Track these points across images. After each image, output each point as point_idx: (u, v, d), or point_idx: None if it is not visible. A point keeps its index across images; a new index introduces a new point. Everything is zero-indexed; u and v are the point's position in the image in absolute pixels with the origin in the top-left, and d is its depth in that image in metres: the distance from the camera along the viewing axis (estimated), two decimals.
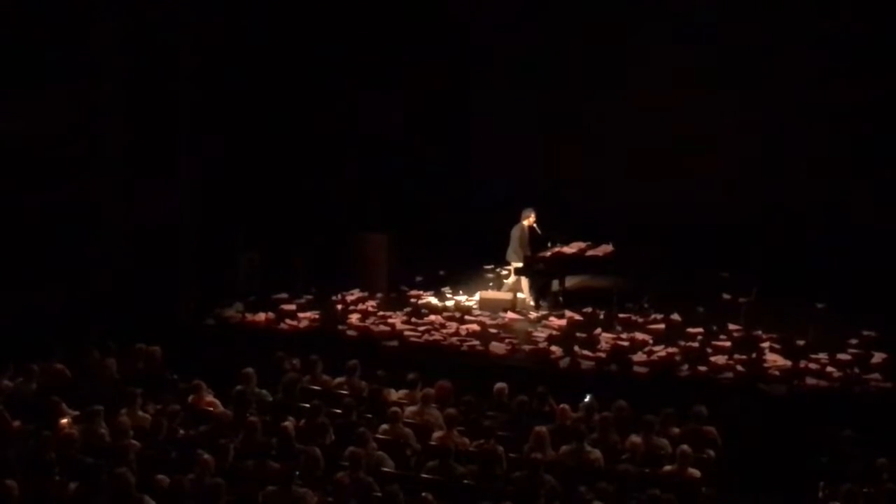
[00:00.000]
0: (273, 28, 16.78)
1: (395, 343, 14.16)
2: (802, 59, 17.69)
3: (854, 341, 13.86)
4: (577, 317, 15.07)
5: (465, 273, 17.21)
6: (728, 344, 13.89)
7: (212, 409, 11.07)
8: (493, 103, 19.34)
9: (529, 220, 15.63)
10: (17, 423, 10.36)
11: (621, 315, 14.98)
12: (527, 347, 13.93)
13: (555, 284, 15.73)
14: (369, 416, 10.98)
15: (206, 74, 15.60)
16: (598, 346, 13.82)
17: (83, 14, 14.74)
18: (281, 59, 16.92)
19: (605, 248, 16.10)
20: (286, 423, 10.29)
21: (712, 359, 13.34)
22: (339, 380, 12.03)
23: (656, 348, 13.73)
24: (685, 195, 17.78)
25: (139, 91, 15.09)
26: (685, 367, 13.13)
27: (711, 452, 10.38)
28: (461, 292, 16.42)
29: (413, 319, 15.03)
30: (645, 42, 18.38)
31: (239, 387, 11.30)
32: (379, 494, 9.02)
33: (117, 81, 15.09)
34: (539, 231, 15.72)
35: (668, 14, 18.25)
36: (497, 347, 13.82)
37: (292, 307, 15.48)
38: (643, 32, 18.41)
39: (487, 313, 15.25)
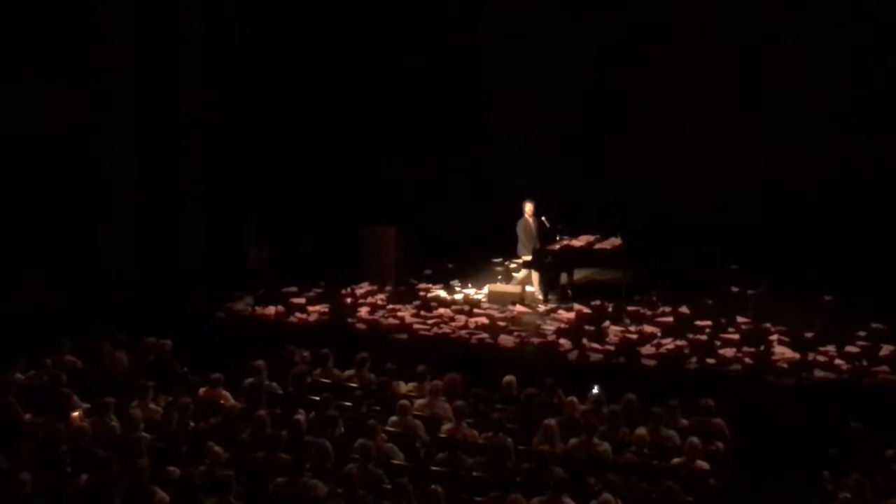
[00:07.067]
0: (278, 23, 16.81)
1: (404, 336, 14.19)
2: (805, 56, 17.64)
3: (862, 333, 13.85)
4: (586, 310, 15.08)
5: (473, 266, 17.22)
6: (736, 336, 13.89)
7: (223, 401, 11.13)
8: (500, 98, 19.33)
9: (529, 209, 15.68)
10: (28, 416, 10.43)
11: (630, 308, 15.00)
12: (535, 340, 13.96)
13: (563, 277, 15.76)
14: (378, 408, 11.02)
15: (213, 70, 15.65)
16: (607, 339, 13.84)
17: (88, 11, 14.80)
18: (287, 54, 16.95)
19: (614, 241, 16.09)
20: (298, 416, 10.33)
21: (721, 351, 13.35)
22: (348, 372, 12.07)
23: (665, 341, 13.75)
24: (692, 188, 17.75)
25: (146, 86, 15.12)
26: (694, 359, 13.15)
27: (720, 444, 10.41)
28: (470, 285, 16.44)
29: (422, 312, 15.05)
30: (648, 35, 18.38)
31: (250, 379, 11.36)
32: (388, 486, 9.07)
33: (124, 77, 15.12)
34: (547, 224, 15.75)
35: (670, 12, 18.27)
36: (506, 340, 13.85)
37: (302, 300, 15.52)
38: (648, 25, 18.42)
39: (496, 306, 15.26)
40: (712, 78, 18.03)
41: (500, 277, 16.77)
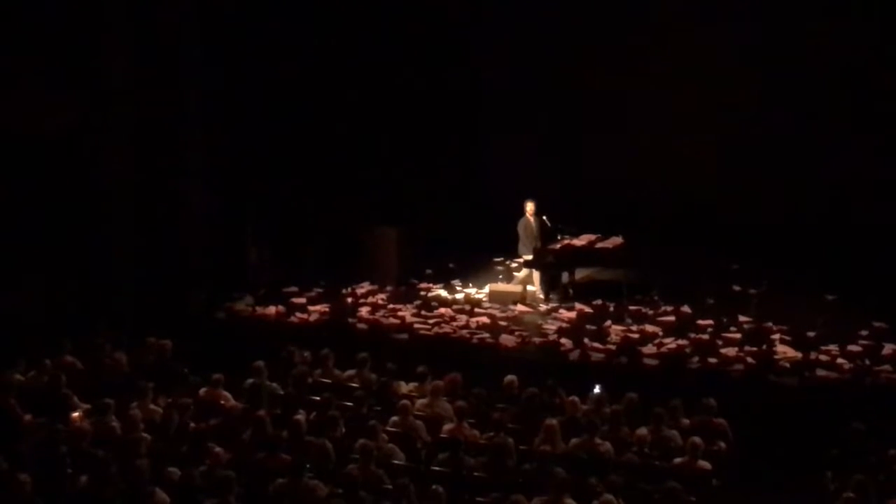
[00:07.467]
0: (278, 24, 16.78)
1: (405, 336, 14.17)
2: (805, 54, 17.61)
3: (865, 332, 13.82)
4: (587, 309, 15.05)
5: (474, 266, 17.19)
6: (738, 336, 13.86)
7: (223, 402, 11.11)
8: (501, 96, 19.31)
9: (530, 209, 15.68)
10: (28, 417, 10.42)
11: (631, 307, 14.98)
12: (537, 340, 13.94)
13: (564, 277, 15.73)
14: (379, 408, 11.00)
15: (214, 69, 15.62)
16: (608, 339, 13.82)
17: (92, 15, 14.79)
18: (289, 54, 16.93)
19: (615, 241, 16.08)
20: (298, 417, 10.31)
21: (722, 351, 13.32)
22: (349, 373, 12.05)
23: (666, 340, 13.72)
24: (693, 187, 17.75)
25: (146, 86, 15.10)
26: (695, 359, 13.12)
27: (722, 444, 10.38)
28: (471, 285, 16.41)
29: (423, 312, 15.02)
30: (651, 31, 18.36)
31: (251, 380, 11.34)
32: (389, 487, 9.05)
33: (124, 77, 15.10)
34: (549, 223, 15.74)
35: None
36: (507, 340, 13.83)
37: (302, 300, 15.49)
38: (647, 25, 18.40)
39: (497, 306, 15.24)
40: (712, 77, 17.99)
41: (501, 277, 16.75)
